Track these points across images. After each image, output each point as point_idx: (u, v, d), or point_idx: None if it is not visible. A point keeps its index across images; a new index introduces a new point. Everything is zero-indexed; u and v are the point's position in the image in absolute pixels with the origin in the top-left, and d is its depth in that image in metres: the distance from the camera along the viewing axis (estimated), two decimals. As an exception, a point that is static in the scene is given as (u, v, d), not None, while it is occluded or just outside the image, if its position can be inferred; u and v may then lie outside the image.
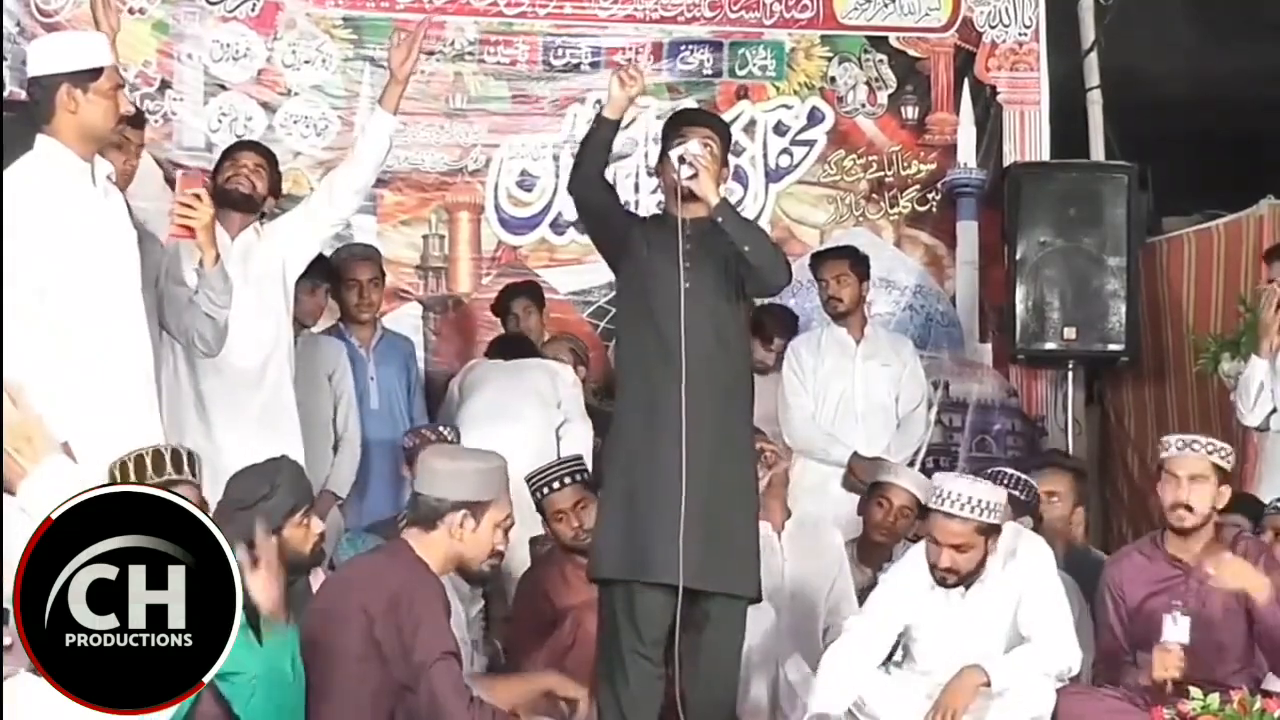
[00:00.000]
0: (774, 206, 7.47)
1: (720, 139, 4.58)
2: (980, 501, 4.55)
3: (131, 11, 6.75)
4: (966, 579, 4.63)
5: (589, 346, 6.90)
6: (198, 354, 4.64)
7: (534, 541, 5.50)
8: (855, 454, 6.26)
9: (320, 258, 5.66)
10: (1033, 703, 4.55)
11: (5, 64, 6.16)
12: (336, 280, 6.08)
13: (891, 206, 7.55)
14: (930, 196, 7.57)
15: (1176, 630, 4.58)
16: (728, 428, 4.45)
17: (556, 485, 5.13)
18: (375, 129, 5.16)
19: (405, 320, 6.95)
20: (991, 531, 4.62)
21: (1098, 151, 7.63)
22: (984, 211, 7.55)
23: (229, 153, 5.27)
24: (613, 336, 6.82)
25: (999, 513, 4.62)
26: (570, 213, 7.20)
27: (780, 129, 7.49)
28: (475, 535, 3.95)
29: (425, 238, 7.19)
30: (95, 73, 4.07)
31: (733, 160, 7.18)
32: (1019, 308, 7.14)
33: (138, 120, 5.27)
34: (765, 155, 7.48)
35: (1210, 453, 4.75)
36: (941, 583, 4.63)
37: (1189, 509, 4.73)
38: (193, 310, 4.51)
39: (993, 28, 7.62)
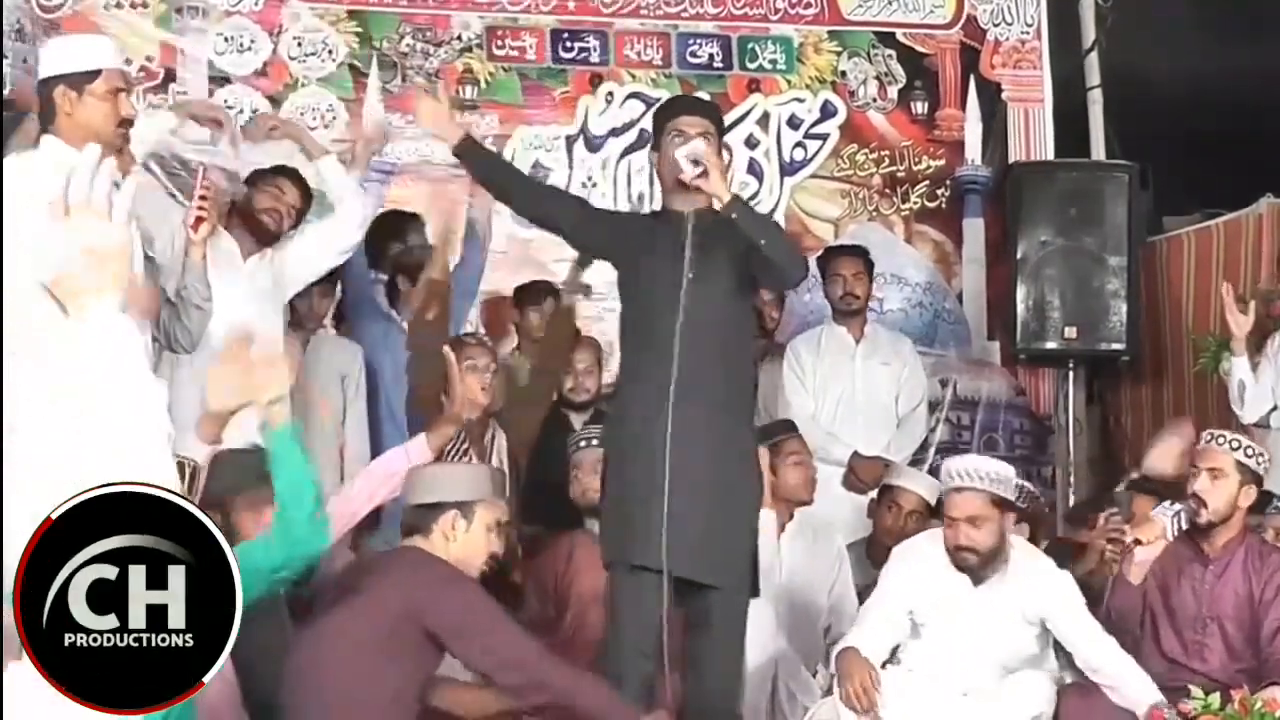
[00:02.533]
0: (789, 200, 7.46)
1: (716, 127, 4.50)
2: (989, 473, 4.52)
3: (135, 6, 6.78)
4: (986, 562, 4.53)
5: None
6: (180, 350, 4.62)
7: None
8: (856, 453, 6.27)
9: None
10: (1034, 702, 4.55)
11: (6, 63, 6.17)
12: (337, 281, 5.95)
13: (903, 202, 7.55)
14: (940, 193, 7.56)
15: (1169, 510, 4.74)
16: (726, 423, 4.38)
17: (583, 444, 5.28)
18: (351, 203, 5.28)
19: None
20: (1005, 507, 4.56)
21: (1099, 151, 7.62)
22: (990, 209, 7.54)
23: (272, 176, 5.25)
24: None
25: (1010, 487, 4.57)
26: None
27: (794, 122, 7.48)
28: (469, 536, 3.97)
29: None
30: (92, 75, 4.08)
31: (748, 153, 7.26)
32: (1020, 307, 7.12)
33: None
34: (779, 149, 7.46)
35: (1234, 449, 4.74)
36: (961, 565, 4.53)
37: (1203, 503, 4.74)
38: (172, 309, 4.53)
39: (996, 25, 7.62)
